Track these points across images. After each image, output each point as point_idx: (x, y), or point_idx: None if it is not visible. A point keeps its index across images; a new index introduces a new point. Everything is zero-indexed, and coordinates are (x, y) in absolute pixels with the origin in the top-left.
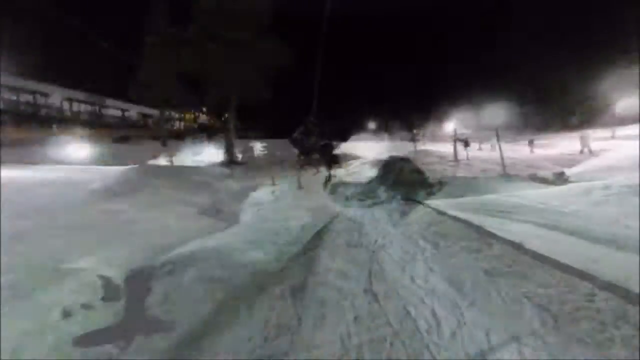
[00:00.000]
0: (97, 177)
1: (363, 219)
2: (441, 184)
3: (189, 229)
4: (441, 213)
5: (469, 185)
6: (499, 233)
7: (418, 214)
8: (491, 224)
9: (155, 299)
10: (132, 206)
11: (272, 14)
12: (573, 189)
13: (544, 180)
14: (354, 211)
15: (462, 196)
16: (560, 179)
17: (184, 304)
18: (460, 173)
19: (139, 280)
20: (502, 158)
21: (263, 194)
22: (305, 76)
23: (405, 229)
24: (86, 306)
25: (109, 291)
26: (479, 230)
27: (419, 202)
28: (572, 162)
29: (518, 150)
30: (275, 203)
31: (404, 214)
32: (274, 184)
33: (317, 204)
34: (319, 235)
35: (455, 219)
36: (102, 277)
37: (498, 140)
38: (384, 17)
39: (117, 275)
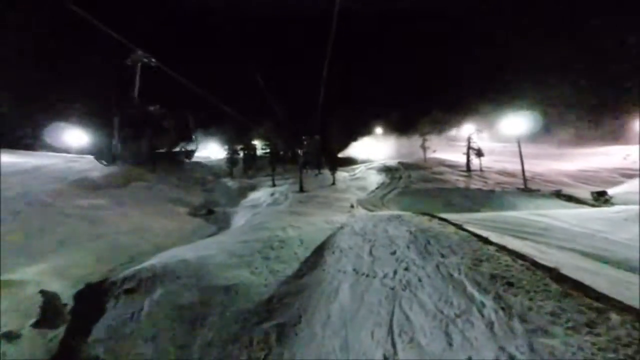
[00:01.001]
0: (87, 167)
1: (375, 235)
2: None
3: (172, 232)
4: (486, 241)
5: (486, 199)
6: (576, 276)
7: (452, 238)
8: (521, 246)
9: (103, 329)
10: (115, 202)
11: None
12: (619, 212)
13: (570, 199)
14: (363, 224)
15: (478, 210)
16: (600, 199)
17: (137, 340)
18: (475, 185)
19: (91, 300)
20: (523, 171)
21: (261, 195)
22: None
23: (440, 262)
24: (9, 337)
25: (49, 314)
26: (559, 277)
27: (440, 218)
28: (594, 179)
29: (535, 164)
30: (273, 207)
31: (430, 234)
32: (274, 185)
33: (319, 210)
34: (319, 252)
35: (513, 253)
36: (45, 293)
37: (520, 151)
38: (393, 17)
39: (66, 290)
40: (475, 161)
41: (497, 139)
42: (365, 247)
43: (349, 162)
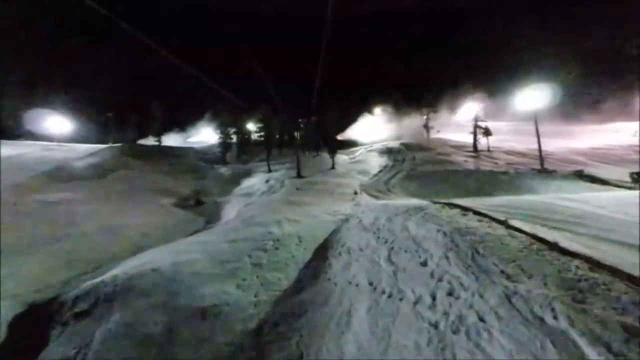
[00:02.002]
0: (66, 155)
1: (392, 234)
2: None
3: (152, 230)
4: (562, 251)
5: (499, 181)
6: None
7: (509, 245)
8: (561, 239)
9: None
10: (89, 195)
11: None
12: None
13: (593, 180)
14: (373, 216)
15: (491, 194)
16: None
17: None
18: (485, 166)
19: (30, 329)
20: (540, 151)
21: (256, 181)
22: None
23: (509, 289)
24: None
25: None
26: None
27: (475, 211)
28: (609, 157)
29: (543, 143)
30: (268, 195)
31: (474, 238)
32: (269, 171)
33: (319, 198)
34: (322, 254)
35: (621, 274)
36: None
37: (537, 129)
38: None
39: (3, 315)
40: (481, 141)
41: (501, 118)
42: (381, 249)
43: (348, 144)
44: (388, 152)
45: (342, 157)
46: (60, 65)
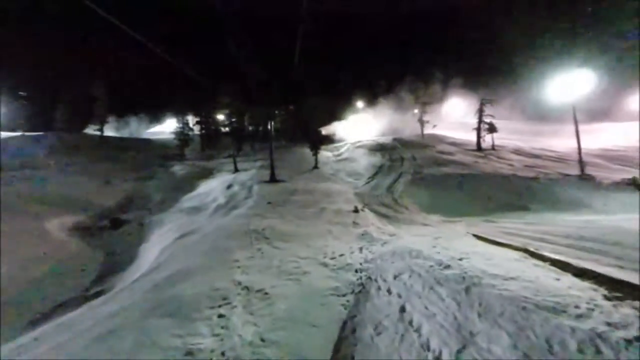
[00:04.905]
0: None
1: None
2: None
3: None
4: None
5: (530, 190)
6: None
7: None
8: None
9: None
10: None
11: None
12: None
13: None
14: (444, 311)
15: (527, 208)
16: None
17: None
18: (502, 169)
19: None
20: (579, 151)
21: (215, 187)
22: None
23: None
24: None
25: None
26: None
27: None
28: (628, 159)
29: (543, 142)
30: (225, 214)
31: None
32: (236, 170)
33: (303, 223)
34: None
35: None
36: None
37: (576, 127)
38: None
39: None
40: (484, 139)
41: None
42: None
43: (331, 139)
44: (380, 149)
45: (325, 154)
46: None
